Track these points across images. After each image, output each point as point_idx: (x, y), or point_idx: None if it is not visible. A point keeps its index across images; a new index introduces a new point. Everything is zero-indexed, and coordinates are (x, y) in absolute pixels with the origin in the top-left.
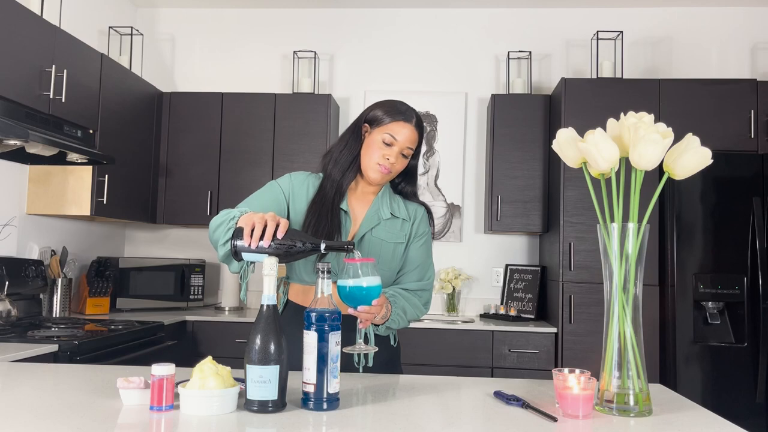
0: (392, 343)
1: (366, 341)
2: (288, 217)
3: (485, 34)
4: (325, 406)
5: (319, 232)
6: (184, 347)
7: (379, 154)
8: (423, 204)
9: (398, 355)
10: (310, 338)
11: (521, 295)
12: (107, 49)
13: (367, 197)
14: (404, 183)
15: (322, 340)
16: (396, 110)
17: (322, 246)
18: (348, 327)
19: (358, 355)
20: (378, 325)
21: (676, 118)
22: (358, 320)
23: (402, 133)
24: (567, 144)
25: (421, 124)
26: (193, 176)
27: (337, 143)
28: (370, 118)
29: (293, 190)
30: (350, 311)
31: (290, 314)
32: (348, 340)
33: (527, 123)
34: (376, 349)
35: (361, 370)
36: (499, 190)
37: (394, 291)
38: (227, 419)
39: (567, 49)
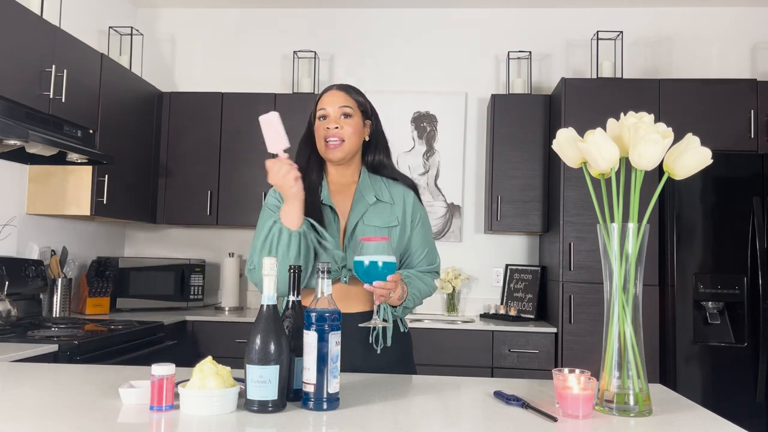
0: (402, 329)
1: (384, 332)
2: None
3: (485, 34)
4: (325, 406)
5: None
6: (184, 347)
7: (322, 130)
8: (406, 182)
9: (410, 351)
10: (310, 338)
11: (521, 295)
12: (107, 49)
13: (349, 188)
14: (373, 155)
15: (322, 340)
16: (320, 93)
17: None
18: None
19: (376, 336)
20: (395, 307)
21: (676, 118)
22: (374, 296)
23: (328, 101)
24: (567, 144)
25: (346, 86)
26: (193, 176)
27: (295, 156)
28: (310, 119)
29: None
30: (366, 287)
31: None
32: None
33: (527, 123)
34: (390, 324)
35: (378, 350)
36: (499, 190)
37: (408, 272)
38: (227, 419)
39: (567, 49)
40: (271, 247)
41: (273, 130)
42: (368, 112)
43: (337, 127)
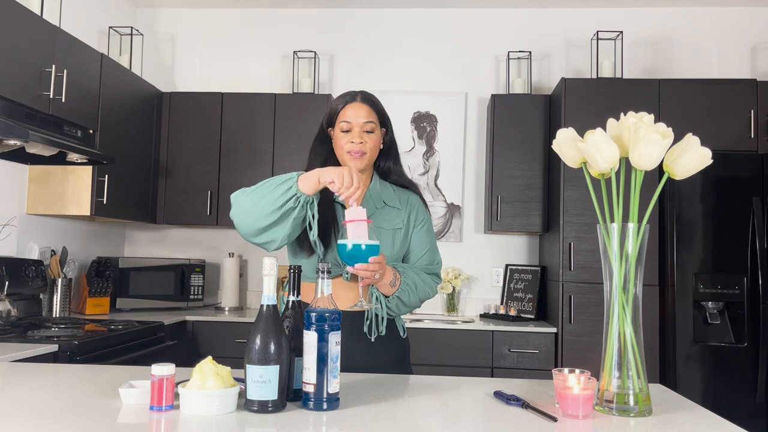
0: (401, 334)
1: (377, 320)
2: None
3: (485, 34)
4: (325, 406)
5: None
6: (184, 347)
7: (345, 142)
8: (414, 191)
9: (408, 354)
10: (310, 338)
11: (521, 295)
12: (107, 49)
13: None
14: (385, 161)
15: (322, 340)
16: (339, 99)
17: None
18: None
19: (369, 325)
20: (388, 297)
21: (676, 118)
22: (359, 278)
23: (351, 113)
24: (567, 144)
25: (369, 97)
26: (193, 176)
27: (309, 155)
28: (327, 121)
29: None
30: (348, 269)
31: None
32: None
33: (527, 123)
34: (377, 306)
35: (373, 339)
36: (499, 190)
37: (403, 265)
38: (227, 419)
39: (567, 49)
40: (268, 188)
41: (361, 229)
42: (385, 122)
43: (361, 142)
